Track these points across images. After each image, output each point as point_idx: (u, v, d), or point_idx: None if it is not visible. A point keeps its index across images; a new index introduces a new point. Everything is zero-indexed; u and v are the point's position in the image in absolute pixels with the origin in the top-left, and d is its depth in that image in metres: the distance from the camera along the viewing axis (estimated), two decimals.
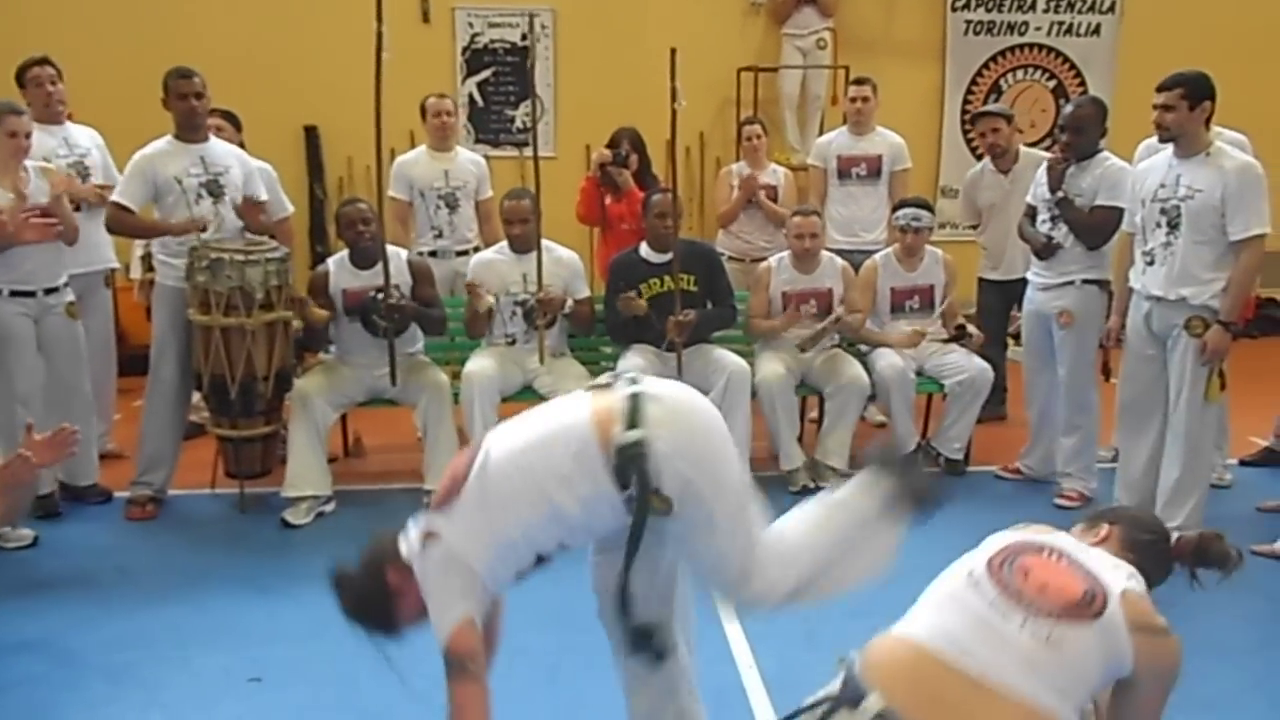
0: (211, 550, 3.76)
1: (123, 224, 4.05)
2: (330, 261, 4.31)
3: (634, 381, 1.94)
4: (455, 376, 4.24)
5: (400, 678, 2.02)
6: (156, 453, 4.10)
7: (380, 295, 3.99)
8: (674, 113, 3.95)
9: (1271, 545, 3.68)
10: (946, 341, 4.63)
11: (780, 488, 4.37)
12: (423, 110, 4.87)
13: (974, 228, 5.30)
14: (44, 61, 4.22)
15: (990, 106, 5.54)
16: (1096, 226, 4.03)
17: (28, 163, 3.68)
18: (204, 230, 3.92)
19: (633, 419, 1.85)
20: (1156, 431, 3.82)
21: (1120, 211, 3.93)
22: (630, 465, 1.82)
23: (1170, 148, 3.65)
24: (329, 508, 4.08)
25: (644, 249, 4.39)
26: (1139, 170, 3.86)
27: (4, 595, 3.27)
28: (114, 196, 3.98)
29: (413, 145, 5.17)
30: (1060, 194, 4.08)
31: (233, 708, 2.67)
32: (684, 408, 1.94)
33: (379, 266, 3.99)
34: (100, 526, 3.97)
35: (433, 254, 4.74)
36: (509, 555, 1.89)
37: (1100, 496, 4.15)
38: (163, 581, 3.49)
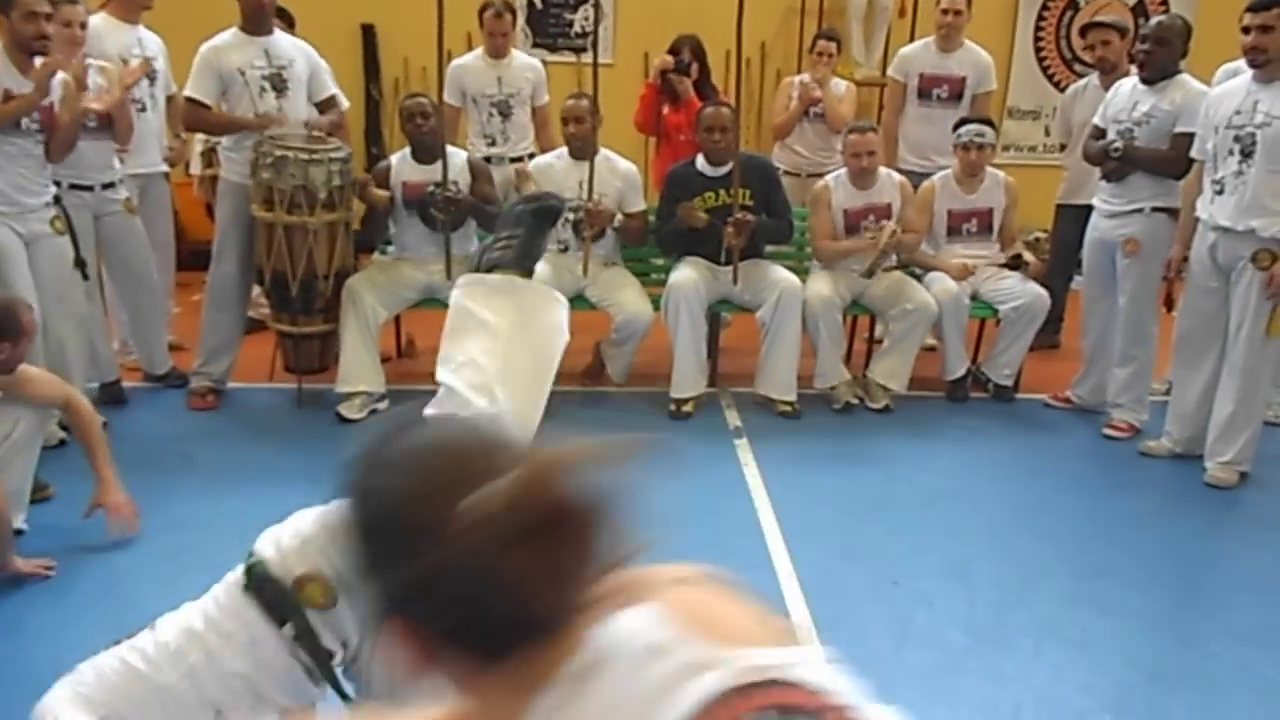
0: (269, 442, 3.88)
1: (199, 120, 4.13)
2: (393, 156, 4.34)
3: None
4: None
5: None
6: (218, 344, 4.22)
7: (437, 189, 4.01)
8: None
9: None
10: (1002, 267, 4.56)
11: (824, 405, 4.39)
12: (481, 18, 4.80)
13: (1063, 147, 5.15)
14: None
15: (1102, 17, 5.21)
16: (1172, 159, 3.90)
17: (89, 61, 3.71)
18: (271, 131, 3.95)
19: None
20: (1213, 365, 3.77)
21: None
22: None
23: (1248, 73, 3.52)
24: (382, 405, 4.18)
25: (700, 162, 4.35)
26: (1213, 95, 3.72)
27: (75, 478, 3.41)
28: (187, 92, 4.02)
29: (470, 48, 5.10)
30: (1119, 150, 3.96)
31: None
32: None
33: (439, 162, 4.01)
34: (164, 415, 4.11)
35: (486, 159, 4.74)
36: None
37: (1150, 429, 4.12)
38: (223, 469, 3.63)
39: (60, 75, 3.53)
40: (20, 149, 3.42)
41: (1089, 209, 4.32)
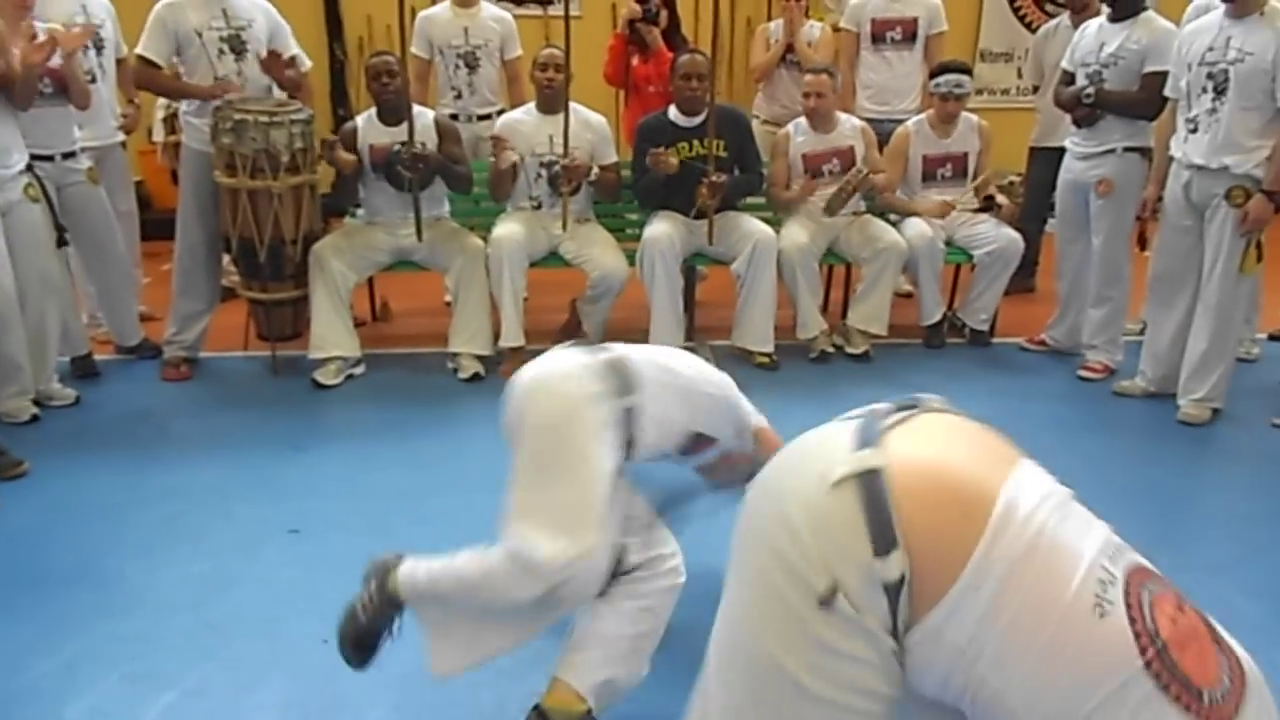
0: (246, 410, 3.85)
1: (150, 80, 4.01)
2: (358, 118, 4.26)
3: None
4: (483, 241, 4.24)
5: None
6: (190, 314, 4.16)
7: (403, 147, 3.96)
8: None
9: None
10: (976, 211, 4.56)
11: (801, 355, 4.40)
12: None
13: (1036, 89, 5.13)
14: None
15: None
16: (1145, 100, 3.89)
17: (36, 24, 3.61)
18: (229, 95, 3.87)
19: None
20: (1187, 304, 3.80)
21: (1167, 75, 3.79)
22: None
23: (1221, 7, 3.50)
24: (359, 370, 4.15)
25: (672, 112, 4.30)
26: (1185, 32, 3.70)
27: (50, 452, 3.38)
28: (138, 50, 3.91)
29: (434, 3, 5.00)
30: (1090, 96, 3.95)
31: (274, 555, 2.79)
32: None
33: (405, 124, 3.94)
34: (138, 387, 4.07)
35: (453, 116, 4.65)
36: None
37: (1125, 369, 4.16)
38: (201, 439, 3.60)
39: None
40: None
41: (1062, 151, 4.31)
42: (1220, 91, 3.49)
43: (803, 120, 4.49)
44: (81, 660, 2.33)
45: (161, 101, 5.02)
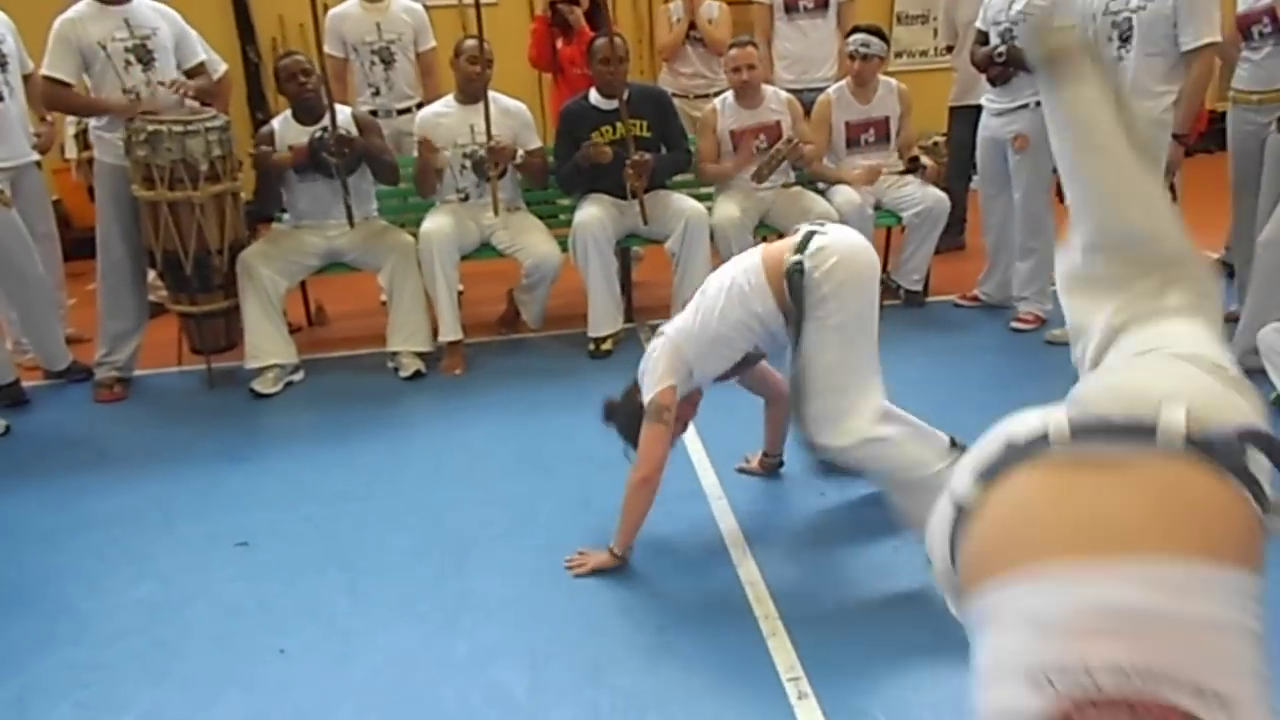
0: (185, 425, 3.78)
1: (61, 100, 3.88)
2: (275, 121, 4.19)
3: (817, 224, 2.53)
4: (413, 237, 4.20)
5: None
6: (120, 332, 4.07)
7: (326, 133, 3.91)
8: None
9: None
10: (902, 173, 4.63)
11: None
12: None
13: (950, 50, 5.19)
14: None
15: None
16: None
17: None
18: (144, 111, 3.77)
19: (800, 247, 2.43)
20: None
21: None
22: (793, 279, 2.40)
23: None
24: (297, 376, 4.10)
25: (593, 95, 4.29)
26: None
27: None
28: (45, 71, 3.78)
29: None
30: (1002, 51, 4.02)
31: (223, 571, 2.75)
32: (844, 245, 2.44)
33: (324, 121, 3.89)
34: (71, 412, 3.98)
35: (372, 113, 4.59)
36: (712, 352, 2.57)
37: (1054, 318, 4.25)
38: (140, 459, 3.53)
39: None
40: None
41: (980, 109, 4.39)
42: (1125, 40, 3.58)
43: (729, 96, 4.50)
44: (30, 692, 2.29)
45: (71, 117, 4.89)
